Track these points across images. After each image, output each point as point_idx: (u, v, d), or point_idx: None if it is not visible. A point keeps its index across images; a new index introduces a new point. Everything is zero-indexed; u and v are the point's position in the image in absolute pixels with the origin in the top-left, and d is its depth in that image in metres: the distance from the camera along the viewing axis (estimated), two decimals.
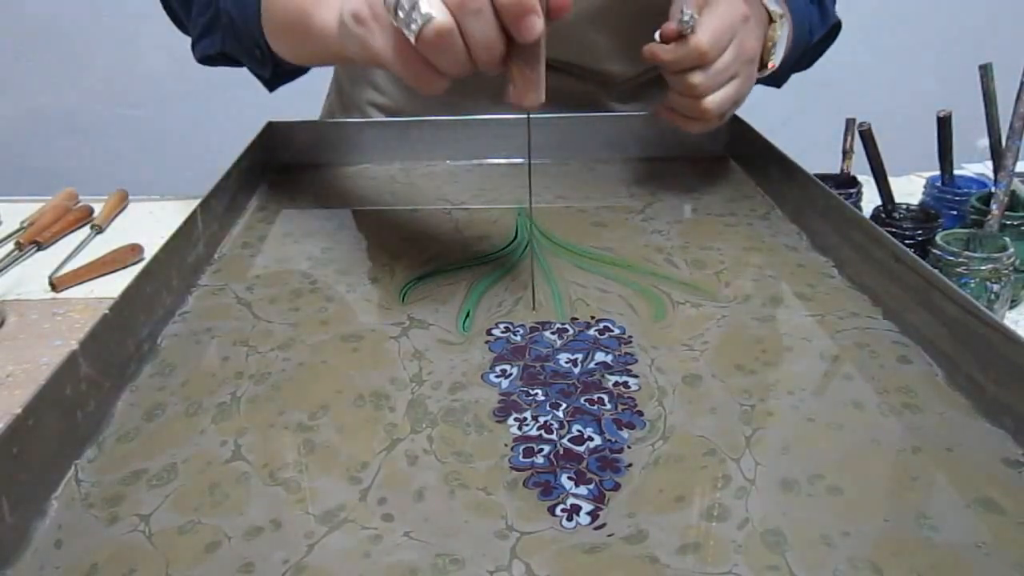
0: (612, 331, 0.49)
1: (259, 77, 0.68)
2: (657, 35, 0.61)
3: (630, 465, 0.37)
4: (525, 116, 0.50)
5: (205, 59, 0.69)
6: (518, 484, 0.36)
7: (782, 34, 0.68)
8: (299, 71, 0.67)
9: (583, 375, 0.44)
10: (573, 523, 0.34)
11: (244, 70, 0.68)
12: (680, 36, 0.59)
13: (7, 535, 0.33)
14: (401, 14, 0.41)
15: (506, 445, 0.39)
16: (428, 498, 0.36)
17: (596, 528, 0.34)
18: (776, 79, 0.77)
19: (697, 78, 0.60)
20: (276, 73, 0.66)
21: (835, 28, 0.79)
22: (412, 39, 0.41)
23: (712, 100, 0.61)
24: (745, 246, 0.60)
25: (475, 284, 0.55)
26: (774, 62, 0.68)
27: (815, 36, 0.76)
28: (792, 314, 0.51)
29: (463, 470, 0.37)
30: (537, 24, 0.41)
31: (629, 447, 0.38)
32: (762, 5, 0.67)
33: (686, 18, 0.58)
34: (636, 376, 0.44)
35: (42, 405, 0.36)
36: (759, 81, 0.70)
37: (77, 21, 1.67)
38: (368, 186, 0.74)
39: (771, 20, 0.67)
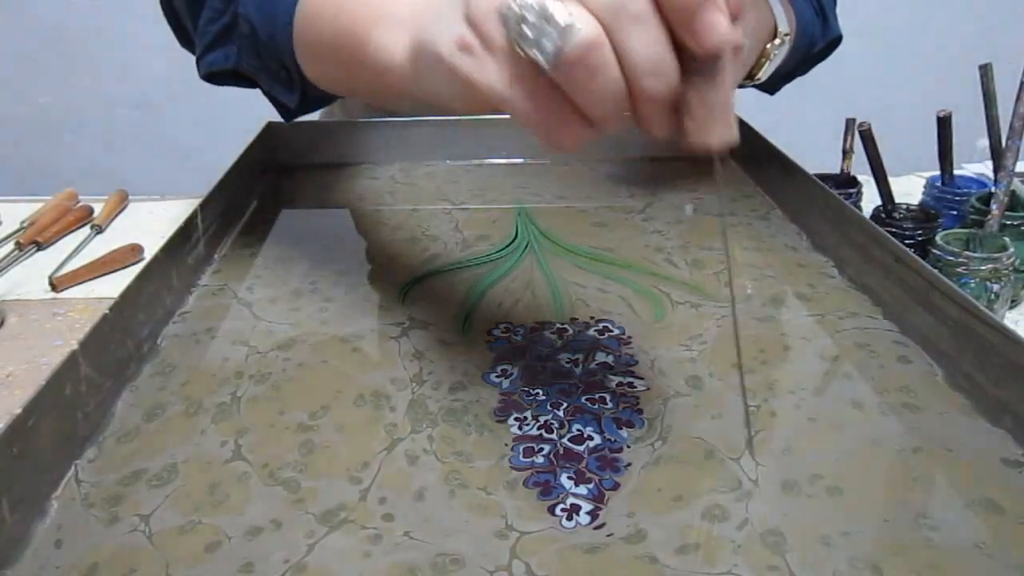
0: (612, 331, 0.49)
1: (278, 104, 0.57)
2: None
3: (629, 465, 0.37)
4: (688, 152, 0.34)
5: (212, 76, 0.58)
6: (518, 484, 0.36)
7: (779, 53, 0.68)
8: (330, 99, 0.55)
9: (584, 375, 0.44)
10: (573, 522, 0.34)
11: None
12: None
13: (7, 535, 0.33)
14: (528, 31, 0.29)
15: (506, 445, 0.39)
16: (428, 498, 0.36)
17: (596, 528, 0.34)
18: (770, 87, 0.77)
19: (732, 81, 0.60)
20: (304, 101, 0.55)
21: (835, 41, 0.79)
22: (546, 64, 0.29)
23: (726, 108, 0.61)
24: (745, 246, 0.60)
25: (475, 284, 0.55)
26: (762, 77, 0.68)
27: (815, 47, 0.76)
28: (792, 314, 0.51)
29: (463, 470, 0.37)
30: (723, 24, 0.28)
31: (628, 447, 0.38)
32: (771, 13, 0.66)
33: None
34: (637, 376, 0.44)
35: (42, 405, 0.36)
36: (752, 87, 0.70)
37: (78, 21, 1.67)
38: (368, 186, 0.74)
39: (774, 35, 0.67)
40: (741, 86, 0.69)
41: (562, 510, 0.35)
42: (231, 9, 0.53)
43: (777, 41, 0.67)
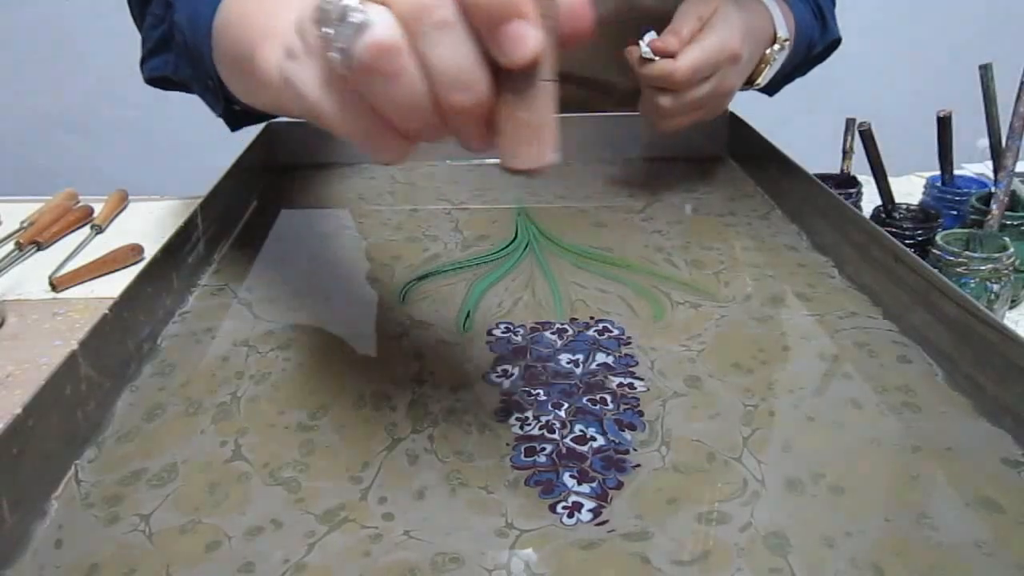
0: (612, 331, 0.49)
1: (216, 113, 0.56)
2: (643, 42, 0.61)
3: (638, 466, 0.37)
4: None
5: (154, 81, 0.58)
6: (519, 483, 0.36)
7: (779, 58, 0.68)
8: (262, 115, 0.55)
9: (585, 375, 0.44)
10: (574, 519, 0.34)
11: None
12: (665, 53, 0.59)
13: (7, 535, 0.33)
14: (331, 32, 0.27)
15: (507, 445, 0.39)
16: (428, 497, 0.36)
17: (598, 525, 0.34)
18: (769, 89, 0.77)
19: (665, 100, 0.61)
20: (231, 112, 0.55)
21: (834, 43, 0.79)
22: (341, 67, 0.27)
23: (669, 122, 0.63)
24: (745, 246, 0.60)
25: (475, 284, 0.55)
26: (760, 83, 0.69)
27: (814, 50, 0.76)
28: (792, 314, 0.51)
29: (464, 469, 0.37)
30: (531, 36, 0.26)
31: (635, 449, 0.38)
32: (771, 21, 0.67)
33: (645, 52, 0.59)
34: (637, 377, 0.44)
35: (42, 405, 0.36)
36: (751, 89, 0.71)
37: (77, 21, 1.67)
38: (368, 186, 0.74)
39: (774, 40, 0.67)
40: (742, 90, 0.69)
41: (563, 508, 0.35)
42: (169, 16, 0.52)
43: (776, 47, 0.67)
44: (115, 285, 0.61)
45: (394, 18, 0.26)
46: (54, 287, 0.61)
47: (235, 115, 0.57)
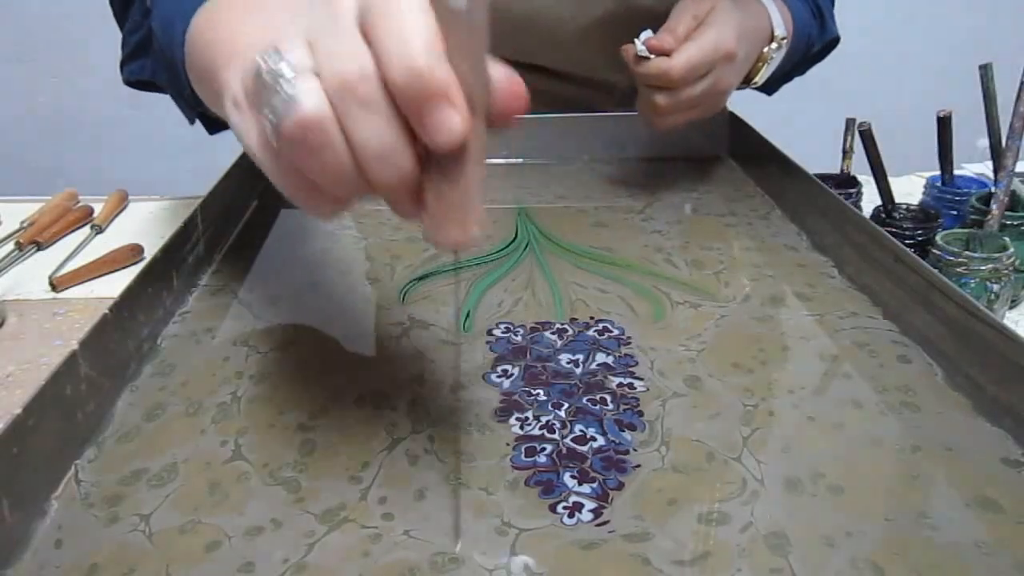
0: (612, 332, 0.49)
1: (189, 121, 0.57)
2: (639, 40, 0.61)
3: (638, 466, 0.37)
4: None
5: (133, 83, 0.60)
6: (519, 483, 0.36)
7: (776, 57, 0.68)
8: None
9: (585, 375, 0.44)
10: (575, 520, 0.34)
11: None
12: (660, 51, 0.60)
13: (7, 535, 0.33)
14: (265, 94, 0.28)
15: (508, 445, 0.39)
16: (428, 497, 0.36)
17: (598, 525, 0.34)
18: (768, 88, 0.77)
19: (660, 99, 0.61)
20: (205, 118, 0.56)
21: (833, 42, 0.79)
22: (272, 134, 0.28)
23: (665, 120, 0.63)
24: (745, 246, 0.60)
25: (475, 284, 0.55)
26: (758, 81, 0.69)
27: (813, 49, 0.77)
28: (792, 314, 0.51)
29: (464, 469, 0.37)
30: (454, 122, 0.26)
31: (635, 449, 0.38)
32: (768, 19, 0.67)
33: (640, 50, 0.59)
34: (637, 377, 0.44)
35: (42, 405, 0.36)
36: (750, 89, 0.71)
37: (78, 21, 1.67)
38: None
39: (771, 38, 0.67)
40: (740, 88, 0.69)
41: (564, 507, 0.35)
42: (147, 22, 0.52)
43: (774, 45, 0.67)
44: (115, 285, 0.61)
45: (321, 92, 0.27)
46: (54, 287, 0.61)
47: (211, 120, 0.57)
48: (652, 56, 0.60)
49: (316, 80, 0.27)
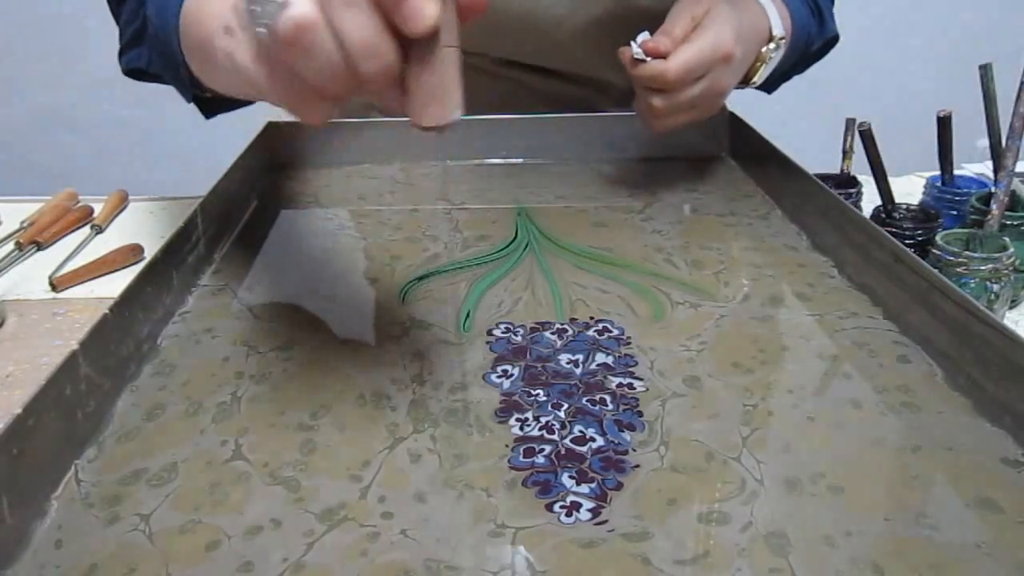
0: (611, 332, 0.49)
1: (186, 99, 0.58)
2: (635, 43, 0.61)
3: (637, 466, 0.37)
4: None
5: (131, 72, 0.62)
6: (516, 483, 0.36)
7: (775, 57, 0.68)
8: (234, 101, 0.56)
9: (585, 376, 0.44)
10: (572, 519, 0.34)
11: None
12: (656, 53, 0.60)
13: (7, 535, 0.33)
14: (257, 8, 0.32)
15: (507, 446, 0.39)
16: (428, 497, 0.36)
17: (597, 525, 0.34)
18: (767, 87, 0.77)
19: (657, 101, 0.61)
20: (201, 100, 0.58)
21: (832, 40, 0.79)
22: (268, 40, 0.32)
23: (662, 123, 0.63)
24: (745, 246, 0.60)
25: (475, 284, 0.55)
26: (757, 81, 0.69)
27: (812, 47, 0.76)
28: (792, 314, 0.51)
29: (464, 470, 0.37)
30: (427, 10, 0.31)
31: (634, 450, 0.38)
32: (766, 19, 0.67)
33: (636, 52, 0.60)
34: (637, 377, 0.44)
35: (42, 405, 0.36)
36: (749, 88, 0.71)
37: (78, 21, 1.67)
38: (368, 186, 0.74)
39: (770, 38, 0.67)
40: (739, 88, 0.69)
41: (561, 507, 0.35)
42: (143, 11, 0.55)
43: (772, 45, 0.67)
44: (115, 285, 0.61)
45: None
46: (54, 287, 0.61)
47: (206, 102, 0.59)
48: (648, 59, 0.60)
49: None
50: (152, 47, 0.56)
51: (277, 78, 0.34)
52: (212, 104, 0.60)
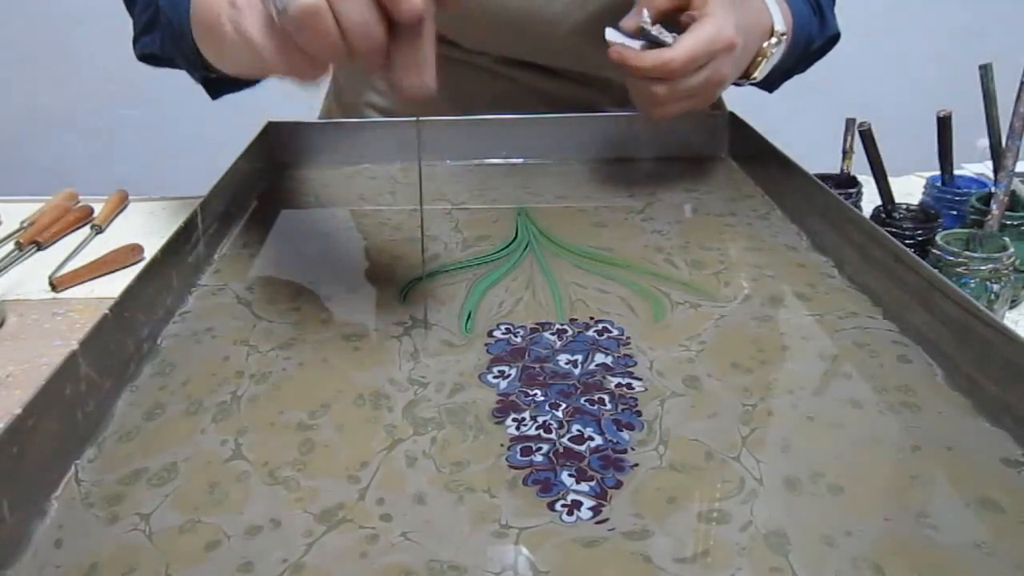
0: (611, 332, 0.49)
1: (197, 81, 0.64)
2: (608, 36, 0.61)
3: (636, 465, 0.37)
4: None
5: (145, 57, 0.66)
6: (517, 483, 0.36)
7: (776, 52, 0.68)
8: (239, 81, 0.60)
9: (583, 376, 0.44)
10: (573, 517, 0.34)
11: None
12: (642, 33, 0.59)
13: (7, 535, 0.33)
14: None
15: (502, 445, 0.39)
16: (427, 498, 0.36)
17: (597, 523, 0.34)
18: (768, 84, 0.77)
19: (660, 89, 0.61)
20: (209, 80, 0.62)
21: (833, 38, 0.79)
22: (278, 19, 0.39)
23: (661, 111, 0.63)
24: (745, 246, 0.60)
25: (475, 284, 0.55)
26: (757, 77, 0.69)
27: (813, 45, 0.76)
28: (792, 314, 0.51)
29: (463, 470, 0.37)
30: (415, 2, 0.37)
31: (633, 449, 0.38)
32: (768, 14, 0.67)
33: (653, 32, 0.59)
34: (636, 377, 0.44)
35: (42, 405, 0.36)
36: (750, 85, 0.71)
37: (78, 21, 1.67)
38: (368, 186, 0.74)
39: (771, 33, 0.67)
40: (738, 84, 0.69)
41: (562, 506, 0.35)
42: (155, 1, 0.60)
43: (773, 40, 0.67)
44: (115, 285, 0.61)
45: None
46: (54, 287, 0.61)
47: (214, 83, 0.62)
48: (628, 42, 0.60)
49: None
50: (165, 33, 0.60)
51: (281, 49, 0.40)
52: (219, 84, 0.63)
